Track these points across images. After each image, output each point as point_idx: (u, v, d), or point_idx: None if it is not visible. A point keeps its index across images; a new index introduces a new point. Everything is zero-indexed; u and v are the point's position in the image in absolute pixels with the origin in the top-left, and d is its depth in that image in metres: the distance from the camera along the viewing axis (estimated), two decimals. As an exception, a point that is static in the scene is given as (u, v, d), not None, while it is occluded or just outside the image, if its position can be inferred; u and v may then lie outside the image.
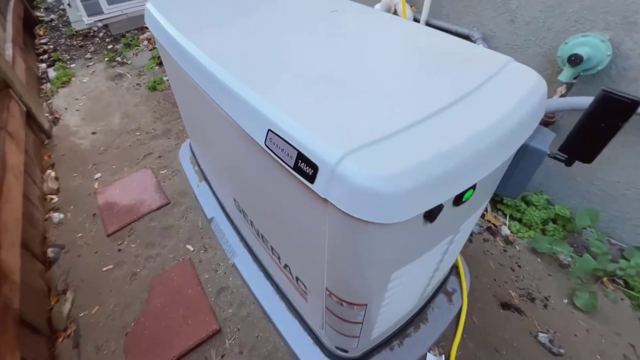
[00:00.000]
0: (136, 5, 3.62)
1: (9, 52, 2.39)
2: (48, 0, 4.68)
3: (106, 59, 3.17)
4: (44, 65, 3.09)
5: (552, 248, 1.54)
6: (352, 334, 0.94)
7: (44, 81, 2.90)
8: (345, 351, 1.09)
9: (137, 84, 2.84)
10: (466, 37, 1.68)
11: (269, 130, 0.65)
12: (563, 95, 1.41)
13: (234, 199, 1.30)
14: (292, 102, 0.67)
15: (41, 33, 3.73)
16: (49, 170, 2.03)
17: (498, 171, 0.77)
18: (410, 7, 1.87)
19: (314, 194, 0.59)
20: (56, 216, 1.75)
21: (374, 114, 0.63)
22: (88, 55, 3.28)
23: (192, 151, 1.98)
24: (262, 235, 1.16)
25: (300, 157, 0.59)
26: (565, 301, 1.42)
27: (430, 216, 0.60)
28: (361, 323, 0.88)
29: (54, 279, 1.49)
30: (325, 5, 1.15)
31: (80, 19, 3.47)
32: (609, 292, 1.43)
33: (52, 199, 1.87)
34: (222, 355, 1.26)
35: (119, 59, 3.20)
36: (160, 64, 3.06)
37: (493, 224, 1.73)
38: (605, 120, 0.63)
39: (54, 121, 2.44)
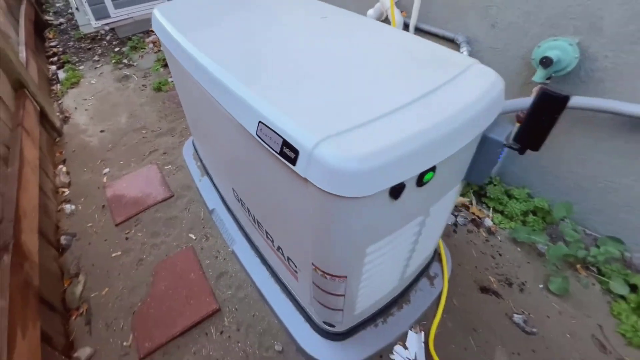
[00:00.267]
0: (142, 10, 3.76)
1: (23, 55, 2.53)
2: (57, 5, 4.84)
3: (113, 61, 3.31)
4: (54, 67, 3.24)
5: (531, 238, 1.64)
6: (336, 306, 1.05)
7: (54, 82, 3.04)
8: (332, 326, 1.20)
9: (143, 85, 2.97)
10: (451, 41, 1.80)
11: (259, 122, 0.77)
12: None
13: (233, 189, 1.42)
14: (280, 97, 0.79)
15: (51, 36, 3.88)
16: (60, 166, 2.16)
17: (460, 159, 0.88)
18: (400, 12, 1.99)
19: (296, 175, 0.70)
20: (68, 207, 1.88)
21: (348, 107, 0.75)
22: (96, 58, 3.42)
23: (194, 148, 2.11)
24: (257, 221, 1.27)
25: (285, 143, 0.71)
26: (541, 286, 1.52)
27: (394, 193, 0.71)
28: (343, 295, 0.99)
29: (66, 263, 1.61)
30: (317, 12, 1.27)
31: (88, 23, 3.62)
32: (581, 278, 1.53)
33: (63, 192, 1.99)
34: (221, 332, 1.37)
35: (125, 61, 3.34)
36: (165, 65, 3.19)
37: (477, 216, 1.84)
38: (545, 113, 0.74)
39: (65, 120, 2.57)
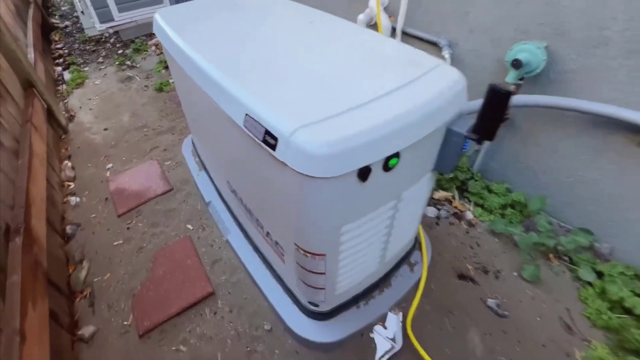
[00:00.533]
0: (145, 13, 3.89)
1: (31, 56, 2.65)
2: (63, 8, 4.99)
3: (117, 63, 3.44)
4: (59, 69, 3.36)
5: (507, 229, 1.74)
6: (317, 284, 1.15)
7: (60, 83, 3.16)
8: (316, 305, 1.31)
9: (145, 86, 3.10)
10: (434, 44, 1.91)
11: (246, 114, 0.88)
12: (513, 94, 1.63)
13: (227, 181, 1.53)
14: (264, 93, 0.90)
15: (57, 39, 4.01)
16: (66, 161, 2.27)
17: (425, 148, 0.99)
18: (388, 17, 2.11)
19: (276, 160, 0.81)
20: (73, 200, 1.99)
21: (323, 100, 0.86)
22: (100, 60, 3.55)
23: (193, 145, 2.22)
24: (249, 210, 1.38)
25: (267, 132, 0.82)
26: (515, 274, 1.62)
27: (362, 175, 0.82)
28: (324, 273, 1.10)
29: (71, 251, 1.72)
30: (306, 17, 1.38)
31: (93, 26, 3.75)
32: (553, 267, 1.64)
33: (69, 185, 2.11)
34: (215, 313, 1.48)
35: (128, 62, 3.46)
36: (166, 67, 3.31)
37: (459, 209, 1.95)
38: (494, 107, 0.85)
39: (70, 118, 2.69)
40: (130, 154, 2.35)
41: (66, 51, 3.73)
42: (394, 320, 1.42)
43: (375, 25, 2.21)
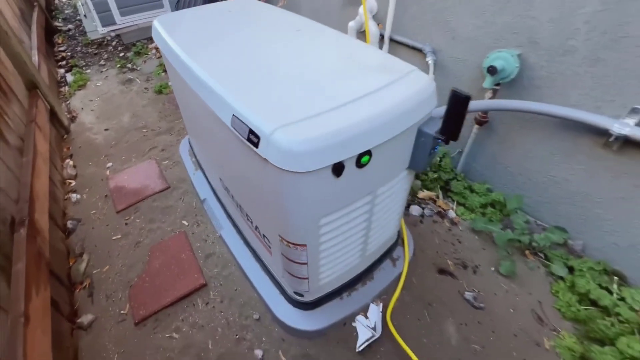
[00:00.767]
0: (146, 17, 4.00)
1: (35, 58, 2.75)
2: (66, 11, 5.10)
3: (118, 66, 3.54)
4: (62, 71, 3.47)
5: (487, 227, 1.83)
6: (301, 274, 1.24)
7: (63, 84, 3.27)
8: (301, 295, 1.39)
9: (145, 88, 3.20)
10: (419, 51, 2.02)
11: (233, 115, 0.97)
12: (491, 98, 1.73)
13: (220, 178, 1.62)
14: (250, 96, 1.00)
15: (60, 41, 4.12)
16: (67, 160, 2.37)
17: (397, 147, 1.08)
18: (377, 24, 2.21)
19: (259, 156, 0.91)
20: (74, 196, 2.08)
21: (302, 103, 0.95)
22: (102, 62, 3.66)
23: (190, 145, 2.32)
24: (239, 205, 1.48)
25: (250, 131, 0.91)
26: (492, 269, 1.71)
27: (335, 171, 0.91)
28: (306, 263, 1.19)
29: (72, 244, 1.81)
30: (294, 25, 1.48)
31: (95, 29, 3.86)
32: (529, 262, 1.72)
33: (70, 183, 2.20)
34: (207, 303, 1.56)
35: (129, 65, 3.57)
36: (165, 70, 3.42)
37: (443, 208, 2.04)
38: (456, 110, 0.94)
39: (72, 119, 2.79)
40: (129, 153, 2.44)
41: (69, 54, 3.83)
42: (375, 311, 1.50)
43: (364, 31, 2.31)
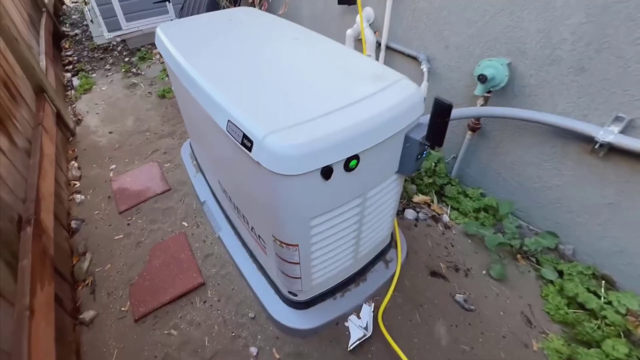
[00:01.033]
0: (151, 23, 4.11)
1: (43, 63, 2.84)
2: (73, 17, 5.23)
3: (123, 70, 3.63)
4: (69, 75, 3.56)
5: (479, 231, 1.87)
6: (294, 274, 1.29)
7: (69, 88, 3.35)
8: (295, 295, 1.44)
9: (149, 92, 3.28)
10: (414, 58, 2.07)
11: (228, 120, 1.03)
12: (482, 105, 1.77)
13: (219, 181, 1.68)
14: (244, 102, 1.05)
15: (67, 46, 4.23)
16: (72, 162, 2.44)
17: (385, 152, 1.12)
18: (374, 32, 2.27)
19: (252, 160, 0.96)
20: (78, 197, 2.15)
21: (294, 109, 1.01)
22: (107, 67, 3.75)
23: (191, 148, 2.38)
24: (237, 207, 1.53)
25: (244, 136, 0.96)
26: (484, 272, 1.75)
27: (324, 174, 0.96)
28: (299, 263, 1.23)
29: (76, 243, 1.87)
30: (291, 33, 1.54)
31: (102, 34, 3.97)
32: (520, 266, 1.76)
33: (75, 184, 2.26)
34: (205, 301, 1.61)
35: (134, 70, 3.66)
36: (169, 75, 3.50)
37: (437, 212, 2.08)
38: (440, 117, 0.99)
39: (77, 122, 2.87)
40: (132, 156, 2.51)
41: (75, 58, 3.93)
42: (367, 311, 1.54)
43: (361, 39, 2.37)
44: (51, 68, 2.97)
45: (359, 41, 2.37)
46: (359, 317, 1.53)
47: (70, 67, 3.74)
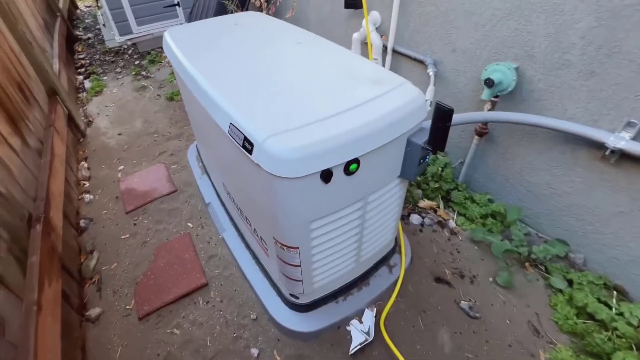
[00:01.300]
0: (161, 27, 4.18)
1: (56, 66, 2.91)
2: (86, 21, 5.36)
3: (133, 73, 3.71)
4: (81, 77, 3.65)
5: (486, 237, 1.84)
6: (295, 276, 1.28)
7: (81, 90, 3.44)
8: (297, 297, 1.43)
9: (158, 95, 3.33)
10: (421, 62, 2.06)
11: (230, 123, 1.03)
12: (490, 110, 1.75)
13: (223, 183, 1.69)
14: (246, 106, 1.06)
15: (80, 49, 4.34)
16: (82, 162, 2.49)
17: (386, 156, 1.11)
18: (380, 36, 2.27)
19: (252, 162, 0.96)
20: (87, 197, 2.19)
21: (295, 113, 1.01)
22: (118, 70, 3.83)
23: (197, 150, 2.40)
24: (240, 208, 1.54)
25: (245, 139, 0.97)
26: (490, 279, 1.71)
27: (324, 177, 0.96)
28: (299, 266, 1.23)
29: (84, 242, 1.91)
30: (294, 38, 1.55)
31: (113, 38, 4.05)
32: (528, 274, 1.72)
33: (84, 184, 2.31)
34: (207, 302, 1.62)
35: (143, 73, 3.73)
36: (178, 77, 3.55)
37: (443, 218, 2.05)
38: (441, 122, 0.98)
39: (88, 123, 2.93)
40: (140, 157, 2.55)
41: (88, 61, 4.03)
42: (369, 316, 1.53)
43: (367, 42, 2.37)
44: (64, 71, 3.04)
45: (365, 45, 2.37)
46: (361, 322, 1.52)
47: (83, 70, 3.83)
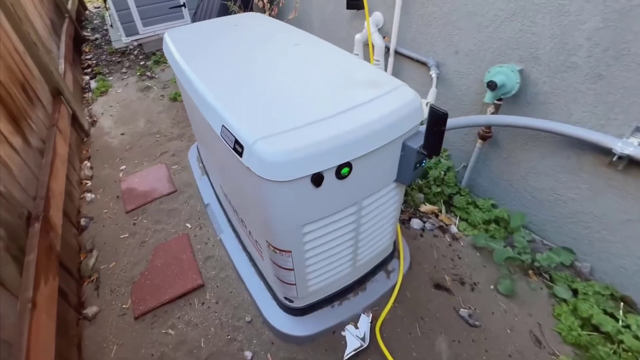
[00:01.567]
0: (167, 28, 4.18)
1: (62, 67, 2.95)
2: (95, 22, 5.44)
3: (138, 73, 3.74)
4: (87, 77, 3.69)
5: (488, 243, 1.79)
6: (288, 280, 1.27)
7: (87, 91, 3.48)
8: (291, 301, 1.41)
9: (161, 95, 3.35)
10: (423, 64, 2.02)
11: (222, 125, 1.02)
12: (493, 113, 1.71)
13: (220, 185, 1.68)
14: (239, 108, 1.04)
15: (87, 50, 4.39)
16: (85, 161, 2.51)
17: (380, 160, 1.09)
18: (383, 37, 2.24)
19: (243, 165, 0.95)
20: (89, 196, 2.21)
21: (286, 116, 0.99)
22: (123, 70, 3.87)
23: (198, 151, 2.41)
24: (236, 210, 1.52)
25: (236, 141, 0.95)
26: (492, 287, 1.67)
27: (315, 181, 0.93)
28: (293, 270, 1.21)
29: (83, 241, 1.92)
30: (292, 39, 1.53)
31: (120, 39, 4.09)
32: (531, 283, 1.67)
33: (86, 183, 2.33)
34: (203, 303, 1.61)
35: (148, 73, 3.76)
36: (183, 78, 3.57)
37: (445, 223, 2.01)
38: (435, 126, 0.95)
39: (92, 123, 2.96)
40: (142, 157, 2.56)
41: (94, 62, 4.08)
42: (365, 321, 1.50)
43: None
44: (69, 71, 3.08)
45: (367, 46, 2.34)
46: (356, 327, 1.49)
47: (89, 70, 3.88)
